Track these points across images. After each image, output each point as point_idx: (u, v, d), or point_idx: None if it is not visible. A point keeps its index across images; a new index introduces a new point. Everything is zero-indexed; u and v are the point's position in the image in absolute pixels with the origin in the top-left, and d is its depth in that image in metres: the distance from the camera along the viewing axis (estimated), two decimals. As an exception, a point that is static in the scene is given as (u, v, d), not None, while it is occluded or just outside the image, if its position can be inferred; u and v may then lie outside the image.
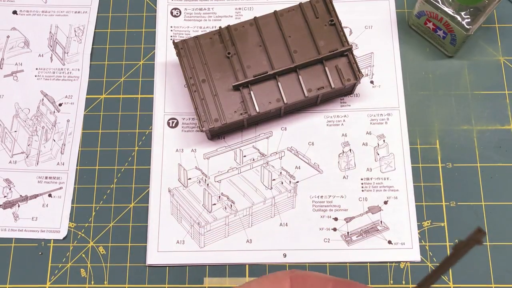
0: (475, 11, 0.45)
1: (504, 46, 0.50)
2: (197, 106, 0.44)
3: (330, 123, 0.48)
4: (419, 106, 0.48)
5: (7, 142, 0.48)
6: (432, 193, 0.46)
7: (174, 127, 0.48)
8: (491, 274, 0.43)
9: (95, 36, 0.52)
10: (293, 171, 0.47)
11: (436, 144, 0.47)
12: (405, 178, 0.46)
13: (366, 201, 0.45)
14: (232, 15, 0.52)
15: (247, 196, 0.46)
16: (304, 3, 0.47)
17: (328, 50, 0.46)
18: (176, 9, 0.53)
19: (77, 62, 0.51)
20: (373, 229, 0.45)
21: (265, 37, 0.46)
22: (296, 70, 0.45)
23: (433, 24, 0.48)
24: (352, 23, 0.51)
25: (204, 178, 0.47)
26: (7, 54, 0.51)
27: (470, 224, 0.45)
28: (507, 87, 0.49)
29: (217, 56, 0.46)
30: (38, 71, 0.50)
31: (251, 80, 0.45)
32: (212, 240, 0.45)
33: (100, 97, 0.50)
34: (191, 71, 0.45)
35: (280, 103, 0.45)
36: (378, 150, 0.47)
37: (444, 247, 0.44)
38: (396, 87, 0.49)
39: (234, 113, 0.45)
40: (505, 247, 0.44)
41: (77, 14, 0.53)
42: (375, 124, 0.48)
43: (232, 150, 0.47)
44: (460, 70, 0.50)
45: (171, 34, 0.52)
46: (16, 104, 0.49)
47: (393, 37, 0.51)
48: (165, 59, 0.51)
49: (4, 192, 0.46)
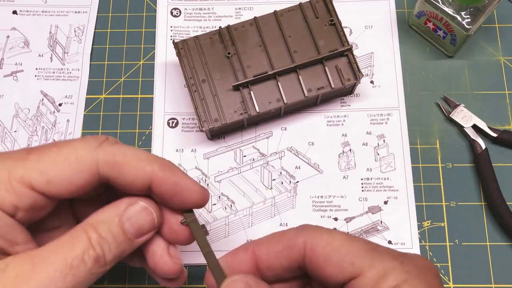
0: (475, 11, 0.45)
1: (504, 46, 0.50)
2: (197, 106, 0.44)
3: (330, 123, 0.48)
4: (419, 106, 0.48)
5: (7, 142, 0.48)
6: (432, 193, 0.46)
7: (174, 127, 0.48)
8: (491, 274, 0.43)
9: (95, 36, 0.52)
10: (293, 171, 0.47)
11: (436, 144, 0.47)
12: (405, 178, 0.46)
13: (366, 201, 0.45)
14: (232, 15, 0.52)
15: (247, 196, 0.46)
16: (304, 3, 0.47)
17: (328, 50, 0.46)
18: (176, 9, 0.53)
19: (77, 62, 0.51)
20: (373, 229, 0.45)
21: (265, 37, 0.46)
22: (296, 70, 0.45)
23: (433, 24, 0.48)
24: (352, 23, 0.51)
25: (204, 178, 0.46)
26: (7, 54, 0.51)
27: (470, 224, 0.45)
28: (507, 87, 0.49)
29: (217, 56, 0.46)
30: (38, 71, 0.50)
31: (251, 80, 0.45)
32: (212, 240, 0.45)
33: (100, 97, 0.50)
34: (191, 71, 0.45)
35: (280, 103, 0.45)
36: (378, 150, 0.47)
37: (444, 247, 0.44)
38: (396, 87, 0.49)
39: (234, 113, 0.45)
40: (505, 247, 0.44)
41: (77, 14, 0.53)
42: (375, 124, 0.48)
43: (232, 150, 0.47)
44: (460, 70, 0.50)
45: (171, 34, 0.52)
46: (16, 104, 0.49)
47: (393, 37, 0.51)
48: (165, 59, 0.51)
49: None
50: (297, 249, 0.28)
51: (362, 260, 0.26)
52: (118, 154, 0.29)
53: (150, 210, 0.30)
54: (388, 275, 0.25)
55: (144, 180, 0.29)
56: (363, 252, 0.26)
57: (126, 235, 0.29)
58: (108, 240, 0.28)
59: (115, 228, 0.28)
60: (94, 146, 0.29)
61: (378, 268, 0.26)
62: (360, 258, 0.26)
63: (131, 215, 0.29)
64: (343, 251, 0.27)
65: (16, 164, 0.27)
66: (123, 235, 0.28)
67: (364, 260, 0.26)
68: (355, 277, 0.26)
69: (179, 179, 0.30)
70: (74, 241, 0.27)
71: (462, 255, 0.44)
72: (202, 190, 0.31)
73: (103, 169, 0.29)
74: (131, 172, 0.29)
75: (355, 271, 0.26)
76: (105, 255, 0.27)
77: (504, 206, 0.43)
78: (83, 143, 0.29)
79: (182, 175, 0.30)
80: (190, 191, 0.30)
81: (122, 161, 0.29)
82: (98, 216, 0.29)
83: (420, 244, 0.44)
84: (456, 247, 0.44)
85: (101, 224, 0.28)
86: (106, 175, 0.29)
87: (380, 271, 0.25)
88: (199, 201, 0.31)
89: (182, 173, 0.30)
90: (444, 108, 0.48)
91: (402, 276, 0.25)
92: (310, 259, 0.27)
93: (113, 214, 0.29)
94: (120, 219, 0.29)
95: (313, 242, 0.27)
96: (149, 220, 0.30)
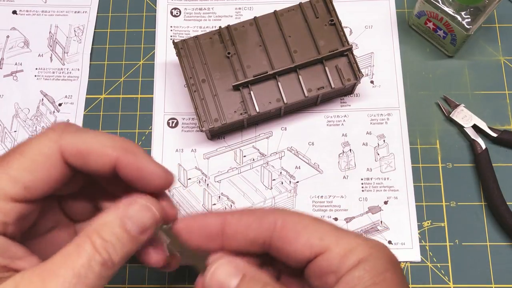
0: (475, 11, 0.45)
1: (504, 46, 0.50)
2: (197, 106, 0.44)
3: (330, 123, 0.48)
4: (419, 106, 0.48)
5: (7, 142, 0.48)
6: (432, 193, 0.46)
7: (174, 127, 0.48)
8: (491, 274, 0.43)
9: (95, 36, 0.52)
10: (293, 171, 0.46)
11: (436, 144, 0.47)
12: (405, 178, 0.46)
13: (366, 201, 0.45)
14: (232, 15, 0.52)
15: (247, 196, 0.46)
16: (304, 3, 0.47)
17: (328, 50, 0.45)
18: (176, 9, 0.53)
19: (77, 62, 0.51)
20: (373, 229, 0.45)
21: (265, 37, 0.46)
22: (296, 70, 0.45)
23: (433, 24, 0.48)
24: (352, 23, 0.51)
25: (204, 178, 0.46)
26: (6, 54, 0.51)
27: (470, 224, 0.45)
28: (507, 87, 0.49)
29: (217, 56, 0.46)
30: (37, 71, 0.50)
31: (251, 80, 0.45)
32: (212, 240, 0.44)
33: (100, 97, 0.50)
34: (191, 71, 0.45)
35: (280, 103, 0.45)
36: (378, 150, 0.47)
37: (444, 247, 0.44)
38: (396, 87, 0.49)
39: (234, 113, 0.45)
40: (505, 247, 0.44)
41: (77, 14, 0.52)
42: (375, 124, 0.48)
43: (232, 150, 0.47)
44: (460, 70, 0.50)
45: (171, 34, 0.52)
46: (16, 104, 0.49)
47: (393, 37, 0.51)
48: (165, 59, 0.51)
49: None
50: (267, 223, 0.29)
51: (329, 237, 0.27)
52: (80, 142, 0.29)
53: (149, 206, 0.30)
54: (354, 250, 0.27)
55: (110, 166, 0.30)
56: (331, 231, 0.28)
57: (129, 234, 0.29)
58: (113, 242, 0.28)
59: (118, 229, 0.29)
60: (54, 139, 0.29)
61: (344, 244, 0.27)
62: (328, 235, 0.28)
63: (132, 214, 0.29)
64: (312, 228, 0.28)
65: None
66: (126, 235, 0.29)
67: (331, 237, 0.27)
68: (322, 253, 0.27)
69: (141, 165, 0.30)
70: (79, 250, 0.27)
71: (462, 255, 0.44)
72: (165, 174, 0.31)
73: (69, 159, 0.29)
74: (96, 160, 0.29)
75: (323, 247, 0.27)
76: (111, 258, 0.28)
77: (504, 206, 0.43)
78: (44, 139, 0.29)
79: (145, 160, 0.30)
80: (154, 176, 0.30)
81: (85, 149, 0.29)
82: (100, 221, 0.29)
83: (420, 244, 0.44)
84: (456, 247, 0.44)
85: (104, 227, 0.28)
86: (73, 164, 0.30)
87: (346, 247, 0.27)
88: (163, 185, 0.31)
89: (145, 157, 0.31)
90: (444, 108, 0.48)
91: (367, 250, 0.27)
92: (279, 234, 0.28)
93: (114, 217, 0.29)
94: (122, 219, 0.29)
95: (284, 219, 0.29)
96: (150, 216, 0.30)
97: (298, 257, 0.28)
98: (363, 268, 0.26)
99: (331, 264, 0.27)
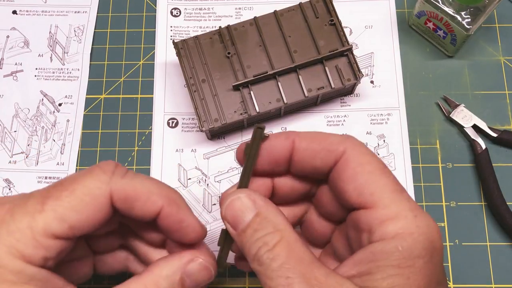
0: (475, 11, 0.45)
1: (504, 46, 0.50)
2: (197, 106, 0.44)
3: (330, 123, 0.48)
4: (419, 106, 0.48)
5: (7, 142, 0.48)
6: (432, 193, 0.46)
7: (174, 127, 0.48)
8: (491, 274, 0.43)
9: (95, 36, 0.52)
10: (293, 171, 0.46)
11: (436, 144, 0.47)
12: (405, 178, 0.46)
13: (366, 201, 0.45)
14: (232, 15, 0.52)
15: (247, 196, 0.46)
16: (304, 3, 0.47)
17: (328, 50, 0.45)
18: (176, 9, 0.53)
19: (77, 62, 0.51)
20: (373, 229, 0.45)
21: (265, 37, 0.46)
22: (296, 70, 0.45)
23: (433, 24, 0.48)
24: (352, 23, 0.51)
25: (204, 178, 0.46)
26: (6, 54, 0.51)
27: (470, 224, 0.45)
28: (507, 87, 0.49)
29: (217, 56, 0.46)
30: (37, 71, 0.50)
31: (251, 80, 0.45)
32: (212, 240, 0.44)
33: (100, 97, 0.50)
34: (191, 71, 0.45)
35: (280, 103, 0.45)
36: (378, 150, 0.47)
37: (444, 247, 0.44)
38: (396, 87, 0.49)
39: (234, 113, 0.45)
40: (505, 247, 0.44)
41: (77, 14, 0.52)
42: (375, 124, 0.48)
43: (232, 150, 0.47)
44: (460, 70, 0.50)
45: (171, 34, 0.52)
46: (15, 104, 0.49)
47: (393, 37, 0.51)
48: (165, 59, 0.51)
49: (4, 192, 0.46)
50: (334, 155, 0.28)
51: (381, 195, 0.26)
52: (129, 188, 0.29)
53: (209, 268, 0.31)
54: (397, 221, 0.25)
55: (154, 214, 0.30)
56: (387, 190, 0.26)
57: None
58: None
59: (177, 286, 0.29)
60: (105, 181, 0.29)
61: (392, 210, 0.26)
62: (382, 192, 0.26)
63: (192, 272, 0.30)
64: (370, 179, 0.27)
65: (35, 218, 0.28)
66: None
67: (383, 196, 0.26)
68: (367, 208, 0.26)
69: (183, 217, 0.30)
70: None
71: (462, 255, 0.44)
72: (201, 229, 0.32)
73: (117, 203, 0.30)
74: (142, 206, 0.30)
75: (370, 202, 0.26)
76: None
77: (504, 206, 0.43)
78: (94, 180, 0.29)
79: (187, 212, 0.31)
80: (191, 230, 0.31)
81: (133, 195, 0.29)
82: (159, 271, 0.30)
83: (420, 244, 0.44)
84: (456, 247, 0.44)
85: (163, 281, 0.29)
86: (119, 208, 0.30)
87: (392, 214, 0.25)
88: (197, 240, 0.32)
89: (187, 209, 0.31)
90: (444, 108, 0.48)
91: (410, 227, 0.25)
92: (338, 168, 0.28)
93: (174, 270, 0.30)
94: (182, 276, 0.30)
95: (351, 154, 0.28)
96: (208, 277, 0.31)
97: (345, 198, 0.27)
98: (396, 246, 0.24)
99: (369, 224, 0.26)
